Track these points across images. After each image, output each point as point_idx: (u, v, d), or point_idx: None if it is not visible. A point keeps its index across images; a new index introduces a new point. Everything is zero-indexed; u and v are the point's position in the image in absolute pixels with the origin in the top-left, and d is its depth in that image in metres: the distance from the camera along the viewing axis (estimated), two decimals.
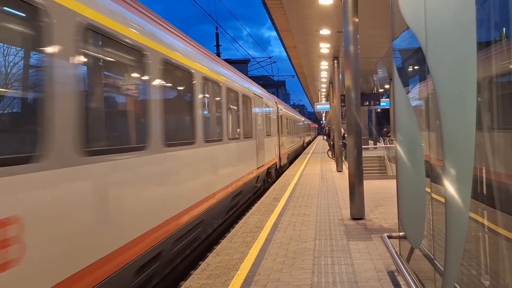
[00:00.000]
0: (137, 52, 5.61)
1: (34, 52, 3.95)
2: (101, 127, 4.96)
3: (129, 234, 5.06)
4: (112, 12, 5.02)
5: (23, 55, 3.88)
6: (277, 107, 21.24)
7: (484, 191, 2.79)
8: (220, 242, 7.74)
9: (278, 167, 19.87)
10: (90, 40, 4.57)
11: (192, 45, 8.36)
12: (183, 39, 7.83)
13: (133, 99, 5.88)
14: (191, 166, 7.50)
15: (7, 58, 3.66)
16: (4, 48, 3.65)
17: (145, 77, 5.81)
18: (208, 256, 6.90)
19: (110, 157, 4.77)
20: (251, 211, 10.51)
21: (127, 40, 5.27)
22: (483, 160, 2.79)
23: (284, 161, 22.50)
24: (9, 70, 3.71)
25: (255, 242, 7.39)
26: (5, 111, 3.78)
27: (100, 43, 4.86)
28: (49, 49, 3.89)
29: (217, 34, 34.61)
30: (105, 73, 5.19)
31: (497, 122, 2.72)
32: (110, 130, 5.22)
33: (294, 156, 31.22)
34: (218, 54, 33.83)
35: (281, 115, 22.47)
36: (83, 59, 4.41)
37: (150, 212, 5.66)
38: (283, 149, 22.21)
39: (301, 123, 43.28)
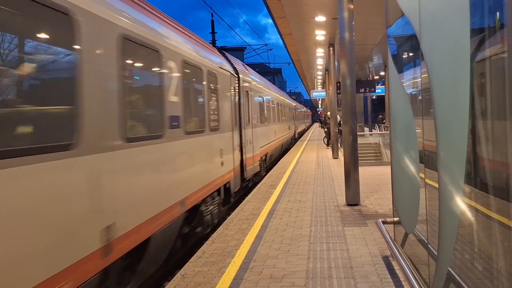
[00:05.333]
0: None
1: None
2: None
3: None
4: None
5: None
6: (294, 106, 39.32)
7: (478, 177, 2.80)
8: (216, 229, 7.78)
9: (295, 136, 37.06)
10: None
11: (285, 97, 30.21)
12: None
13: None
14: (285, 127, 27.21)
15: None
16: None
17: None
18: (204, 243, 6.94)
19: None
20: (247, 198, 10.55)
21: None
22: (476, 146, 2.81)
23: (296, 135, 39.06)
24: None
25: (251, 229, 7.44)
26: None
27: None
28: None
29: (212, 21, 34.43)
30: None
31: (491, 109, 2.73)
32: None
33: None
34: (214, 42, 33.70)
35: (295, 109, 39.65)
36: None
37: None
38: (296, 128, 39.09)
39: (303, 110, 64.29)
